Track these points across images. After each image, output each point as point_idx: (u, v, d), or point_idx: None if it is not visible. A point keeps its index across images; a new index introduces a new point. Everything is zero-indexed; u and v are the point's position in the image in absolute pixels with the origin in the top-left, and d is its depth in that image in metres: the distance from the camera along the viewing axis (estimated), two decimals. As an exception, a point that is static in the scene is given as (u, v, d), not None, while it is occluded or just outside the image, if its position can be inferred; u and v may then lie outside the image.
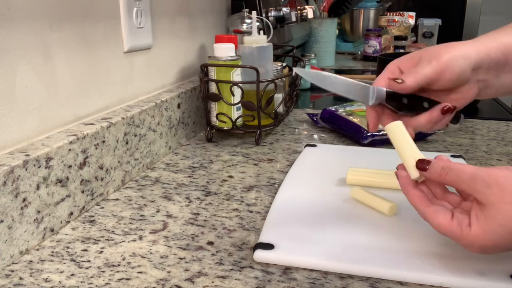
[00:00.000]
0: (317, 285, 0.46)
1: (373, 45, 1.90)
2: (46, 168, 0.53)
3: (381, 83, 0.52)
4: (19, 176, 0.49)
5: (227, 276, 0.47)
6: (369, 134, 0.85)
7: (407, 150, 0.47)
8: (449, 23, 2.30)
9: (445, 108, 0.50)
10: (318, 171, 0.72)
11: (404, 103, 0.51)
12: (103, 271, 0.48)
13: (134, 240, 0.54)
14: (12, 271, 0.48)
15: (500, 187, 0.40)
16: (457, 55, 0.48)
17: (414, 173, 0.46)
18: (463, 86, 0.50)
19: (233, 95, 0.85)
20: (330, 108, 0.98)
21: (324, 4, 1.86)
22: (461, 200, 0.47)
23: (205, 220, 0.59)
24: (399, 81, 0.49)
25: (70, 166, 0.57)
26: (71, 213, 0.59)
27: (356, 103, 1.03)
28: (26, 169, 0.50)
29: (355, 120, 0.90)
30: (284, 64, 1.01)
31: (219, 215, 0.60)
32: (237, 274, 0.47)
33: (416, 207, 0.46)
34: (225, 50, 0.85)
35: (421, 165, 0.45)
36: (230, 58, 0.85)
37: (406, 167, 0.47)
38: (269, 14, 1.35)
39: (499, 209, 0.40)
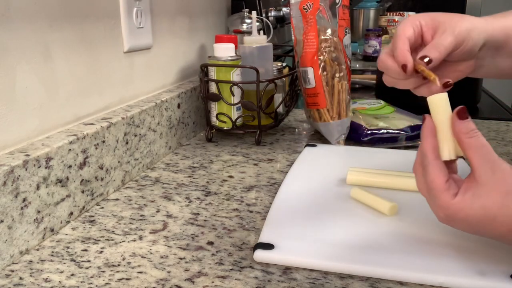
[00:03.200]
0: (317, 285, 0.46)
1: (373, 45, 1.90)
2: (46, 168, 0.53)
3: (406, 41, 0.50)
4: (19, 176, 0.49)
5: (227, 276, 0.47)
6: (369, 132, 0.85)
7: (446, 128, 0.45)
8: (449, 23, 2.30)
9: (448, 83, 0.50)
10: (318, 171, 0.72)
11: None
12: (103, 271, 0.48)
13: (134, 240, 0.54)
14: (12, 271, 0.48)
15: (503, 176, 0.42)
16: (472, 27, 0.49)
17: (447, 155, 0.45)
18: (466, 61, 0.51)
19: (233, 95, 0.85)
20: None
21: (324, 4, 1.85)
22: (457, 170, 0.47)
23: (205, 220, 0.59)
24: (427, 59, 0.48)
25: (70, 166, 0.57)
26: (71, 213, 0.59)
27: (359, 101, 1.03)
28: (26, 169, 0.50)
29: (355, 119, 0.90)
30: (284, 64, 1.01)
31: (219, 215, 0.60)
32: (237, 274, 0.47)
33: (426, 154, 0.45)
34: (225, 50, 0.85)
35: (462, 113, 0.44)
36: (230, 58, 0.85)
37: (440, 145, 0.45)
38: (269, 14, 1.35)
39: (489, 192, 0.41)
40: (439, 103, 0.46)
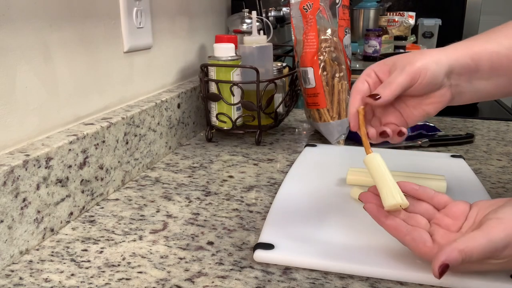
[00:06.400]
0: (317, 285, 0.46)
1: (373, 45, 1.90)
2: (46, 168, 0.53)
3: (357, 99, 0.52)
4: (19, 176, 0.49)
5: (227, 276, 0.47)
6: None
7: (386, 179, 0.48)
8: (449, 23, 2.30)
9: (399, 131, 0.52)
10: (318, 171, 0.72)
11: None
12: (103, 271, 0.48)
13: (134, 240, 0.54)
14: (12, 271, 0.48)
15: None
16: (429, 61, 0.50)
17: (391, 200, 0.47)
18: (437, 91, 0.51)
19: (233, 95, 0.85)
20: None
21: (324, 4, 1.85)
22: (433, 210, 0.48)
23: (205, 220, 0.59)
24: (378, 97, 0.50)
25: (70, 166, 0.57)
26: (71, 213, 0.59)
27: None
28: (26, 169, 0.50)
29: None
30: (284, 64, 1.01)
31: (219, 215, 0.60)
32: (237, 274, 0.47)
33: (394, 236, 0.47)
34: (225, 50, 0.85)
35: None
36: (230, 58, 0.85)
37: (384, 195, 0.47)
38: (269, 14, 1.35)
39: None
40: (375, 160, 0.50)
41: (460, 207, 0.47)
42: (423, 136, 0.88)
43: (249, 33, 0.96)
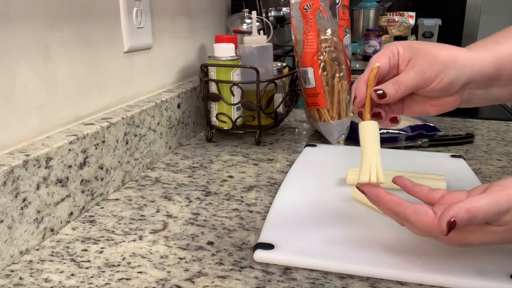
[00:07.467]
0: (317, 285, 0.46)
1: (373, 45, 1.90)
2: (46, 168, 0.53)
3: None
4: (19, 176, 0.49)
5: (227, 276, 0.47)
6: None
7: (372, 153, 0.47)
8: (449, 23, 2.30)
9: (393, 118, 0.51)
10: (318, 171, 0.72)
11: None
12: (103, 271, 0.48)
13: (134, 240, 0.54)
14: (12, 271, 0.48)
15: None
16: (452, 65, 0.47)
17: (367, 178, 0.46)
18: (447, 97, 0.50)
19: (233, 95, 0.85)
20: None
21: (324, 4, 1.85)
22: (429, 190, 0.48)
23: (205, 220, 0.59)
24: (380, 92, 0.47)
25: (70, 166, 0.57)
26: (71, 213, 0.59)
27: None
28: (26, 169, 0.50)
29: (355, 119, 0.90)
30: (284, 64, 1.01)
31: (219, 215, 0.60)
32: (237, 274, 0.47)
33: (395, 212, 0.45)
34: (225, 50, 0.85)
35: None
36: (230, 58, 0.85)
37: (362, 168, 0.46)
38: (269, 14, 1.35)
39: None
40: (370, 129, 0.47)
41: (456, 195, 0.46)
42: (423, 136, 0.88)
43: (249, 33, 0.96)
